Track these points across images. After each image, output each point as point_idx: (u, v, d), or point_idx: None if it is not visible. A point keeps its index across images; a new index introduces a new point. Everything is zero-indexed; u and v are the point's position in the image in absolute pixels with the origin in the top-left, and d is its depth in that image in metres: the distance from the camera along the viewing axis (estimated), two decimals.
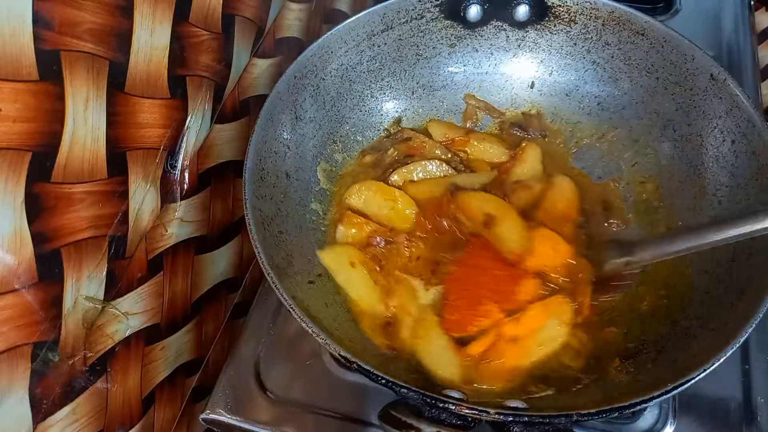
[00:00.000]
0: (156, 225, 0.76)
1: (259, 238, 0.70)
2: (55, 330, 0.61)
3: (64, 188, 0.58)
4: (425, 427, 0.59)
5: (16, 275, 0.55)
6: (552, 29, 0.93)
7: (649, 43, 0.87)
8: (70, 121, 0.57)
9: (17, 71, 0.51)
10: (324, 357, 0.82)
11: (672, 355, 0.70)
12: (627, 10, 0.87)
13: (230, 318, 1.00)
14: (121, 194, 0.67)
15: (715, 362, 0.61)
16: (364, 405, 0.79)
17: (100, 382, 0.69)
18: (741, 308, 0.67)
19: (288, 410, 0.79)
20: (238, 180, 0.94)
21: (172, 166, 0.77)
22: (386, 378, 0.61)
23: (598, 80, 0.93)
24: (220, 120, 0.86)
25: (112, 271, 0.68)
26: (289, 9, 1.00)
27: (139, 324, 0.76)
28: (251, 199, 0.73)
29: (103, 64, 0.60)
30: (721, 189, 0.79)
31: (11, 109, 0.51)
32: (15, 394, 0.57)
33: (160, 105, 0.71)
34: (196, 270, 0.88)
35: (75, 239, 0.61)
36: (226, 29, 0.82)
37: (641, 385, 0.66)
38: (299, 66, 0.85)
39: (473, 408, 0.59)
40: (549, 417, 0.59)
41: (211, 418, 0.79)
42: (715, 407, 0.77)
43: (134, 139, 0.68)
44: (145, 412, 0.80)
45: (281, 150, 0.82)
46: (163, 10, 0.68)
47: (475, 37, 0.96)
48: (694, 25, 1.17)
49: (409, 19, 0.92)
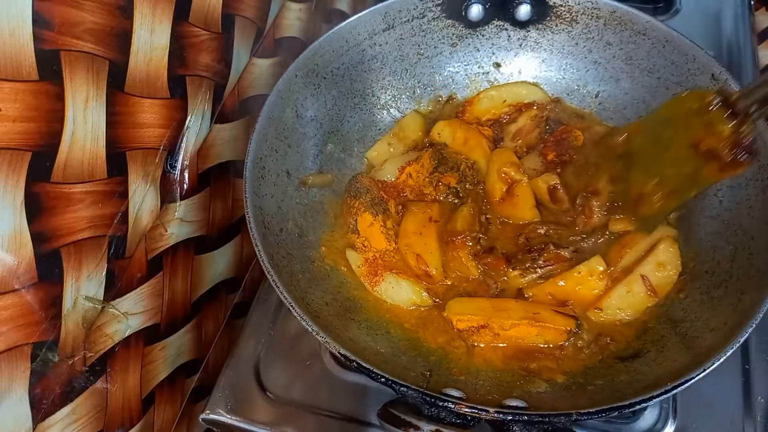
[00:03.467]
0: (156, 225, 0.76)
1: (260, 237, 0.70)
2: (55, 330, 0.61)
3: (64, 188, 0.58)
4: (425, 426, 0.59)
5: (16, 275, 0.55)
6: (553, 29, 0.93)
7: (650, 43, 0.87)
8: (69, 121, 0.57)
9: (17, 71, 0.51)
10: (324, 357, 0.82)
11: (672, 355, 0.70)
12: (628, 10, 0.87)
13: (230, 318, 1.00)
14: (120, 194, 0.67)
15: (715, 362, 0.61)
16: (364, 405, 0.79)
17: (100, 382, 0.69)
18: (741, 308, 0.67)
19: (288, 410, 0.79)
20: (238, 180, 0.94)
21: (172, 166, 0.77)
22: (386, 376, 0.61)
23: (599, 80, 0.93)
24: (220, 120, 0.86)
25: (112, 271, 0.68)
26: (289, 9, 1.00)
27: (139, 324, 0.76)
28: (252, 198, 0.73)
29: (103, 64, 0.60)
30: (722, 189, 0.79)
31: (11, 109, 0.51)
32: (15, 394, 0.57)
33: (160, 105, 0.71)
34: (195, 270, 0.88)
35: (75, 239, 0.61)
36: (226, 29, 0.82)
37: (641, 385, 0.66)
38: (300, 65, 0.85)
39: (473, 407, 0.59)
40: (549, 416, 0.59)
41: (211, 418, 0.79)
42: (715, 407, 0.77)
43: (134, 139, 0.68)
44: (145, 412, 0.80)
45: (282, 148, 0.82)
46: (163, 10, 0.68)
47: (477, 36, 0.96)
48: (695, 25, 1.17)
49: (411, 18, 0.92)
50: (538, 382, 0.71)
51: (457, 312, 0.77)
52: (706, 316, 0.71)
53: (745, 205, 0.75)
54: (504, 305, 0.76)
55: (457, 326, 0.76)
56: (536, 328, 0.74)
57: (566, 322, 0.74)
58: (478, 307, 0.77)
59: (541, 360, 0.74)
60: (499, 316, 0.75)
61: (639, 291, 0.76)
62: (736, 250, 0.74)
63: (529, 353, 0.74)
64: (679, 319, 0.74)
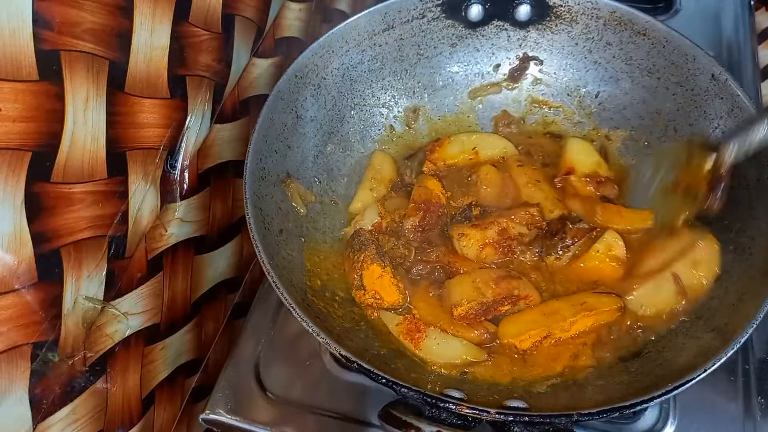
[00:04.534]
0: (156, 225, 0.75)
1: (260, 237, 0.70)
2: (55, 330, 0.61)
3: (64, 188, 0.58)
4: (425, 427, 0.59)
5: (16, 275, 0.54)
6: (553, 29, 0.93)
7: (650, 44, 0.87)
8: (69, 121, 0.57)
9: (17, 71, 0.51)
10: (324, 357, 0.82)
11: (672, 355, 0.70)
12: (628, 10, 0.87)
13: (230, 318, 1.00)
14: (120, 194, 0.67)
15: (715, 362, 0.61)
16: (364, 405, 0.79)
17: (100, 382, 0.69)
18: (741, 308, 0.67)
19: (288, 410, 0.79)
20: (238, 180, 0.94)
21: (172, 166, 0.77)
22: (387, 377, 0.61)
23: (599, 80, 0.93)
24: (220, 120, 0.86)
25: (112, 271, 0.68)
26: (289, 9, 1.00)
27: (139, 324, 0.76)
28: (252, 198, 0.73)
29: (103, 64, 0.60)
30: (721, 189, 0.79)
31: (11, 109, 0.51)
32: (15, 394, 0.57)
33: (160, 105, 0.71)
34: (195, 270, 0.87)
35: (75, 239, 0.61)
36: (226, 29, 0.82)
37: (641, 385, 0.66)
38: (300, 65, 0.85)
39: (474, 408, 0.59)
40: (549, 417, 0.59)
41: (211, 419, 0.79)
42: (715, 407, 0.77)
43: (134, 139, 0.68)
44: (145, 412, 0.80)
45: (282, 148, 0.82)
46: (163, 10, 0.68)
47: (477, 36, 0.96)
48: (695, 25, 1.17)
49: (411, 18, 0.92)
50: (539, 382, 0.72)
51: (514, 334, 0.74)
52: (707, 316, 0.71)
53: (745, 206, 0.75)
54: (551, 308, 0.75)
55: (522, 347, 0.73)
56: (592, 317, 0.73)
57: (613, 300, 0.74)
58: (530, 320, 0.74)
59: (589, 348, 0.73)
60: (556, 320, 0.73)
61: (669, 289, 0.74)
62: (736, 251, 0.74)
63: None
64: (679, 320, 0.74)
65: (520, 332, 0.74)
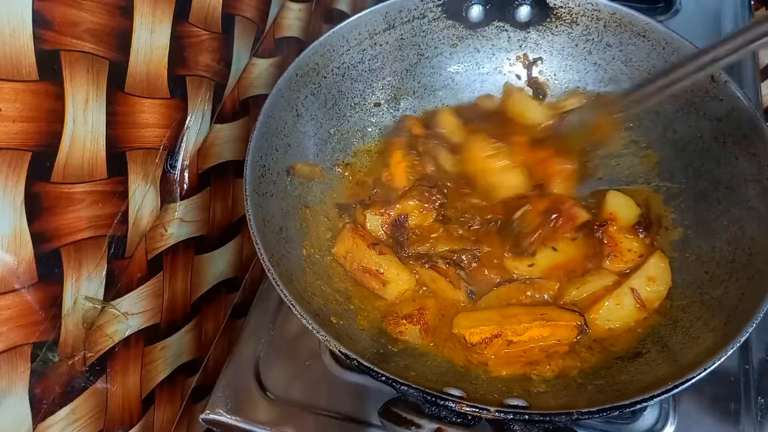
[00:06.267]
0: (156, 225, 0.76)
1: (260, 235, 0.70)
2: (55, 330, 0.61)
3: (64, 188, 0.58)
4: (426, 424, 0.59)
5: (16, 275, 0.54)
6: (554, 30, 0.93)
7: (650, 45, 0.87)
8: (69, 121, 0.57)
9: (17, 71, 0.51)
10: (324, 357, 0.82)
11: (672, 355, 0.70)
12: (628, 12, 0.87)
13: (230, 318, 1.00)
14: (120, 194, 0.67)
15: (715, 362, 0.61)
16: (364, 405, 0.79)
17: (100, 382, 0.69)
18: (741, 308, 0.67)
19: (288, 410, 0.79)
20: (238, 180, 0.94)
21: (172, 166, 0.77)
22: (387, 375, 0.61)
23: (599, 81, 0.93)
24: (220, 120, 0.86)
25: (112, 271, 0.68)
26: (289, 9, 1.00)
27: (139, 324, 0.76)
28: (252, 196, 0.73)
29: (103, 64, 0.60)
30: (721, 190, 0.79)
31: (11, 109, 0.51)
32: (15, 394, 0.57)
33: (160, 105, 0.71)
34: (195, 270, 0.88)
35: (75, 239, 0.61)
36: (226, 29, 0.82)
37: (641, 384, 0.66)
38: (301, 64, 0.85)
39: (474, 406, 0.59)
40: (549, 415, 0.59)
41: (211, 419, 0.79)
42: (715, 407, 0.77)
43: (134, 139, 0.68)
44: (145, 412, 0.80)
45: (282, 146, 0.82)
46: (163, 10, 0.68)
47: (477, 37, 0.96)
48: (694, 26, 1.17)
49: (411, 18, 0.92)
50: (538, 382, 0.72)
51: (467, 326, 0.74)
52: (706, 316, 0.71)
53: (745, 206, 0.75)
54: (510, 312, 0.75)
55: (471, 340, 0.74)
56: (548, 328, 0.73)
57: (574, 317, 0.74)
58: (485, 318, 0.75)
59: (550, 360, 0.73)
60: (510, 322, 0.73)
61: (628, 304, 0.76)
62: (736, 251, 0.74)
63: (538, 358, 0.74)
64: (679, 320, 0.74)
65: (473, 326, 0.74)
